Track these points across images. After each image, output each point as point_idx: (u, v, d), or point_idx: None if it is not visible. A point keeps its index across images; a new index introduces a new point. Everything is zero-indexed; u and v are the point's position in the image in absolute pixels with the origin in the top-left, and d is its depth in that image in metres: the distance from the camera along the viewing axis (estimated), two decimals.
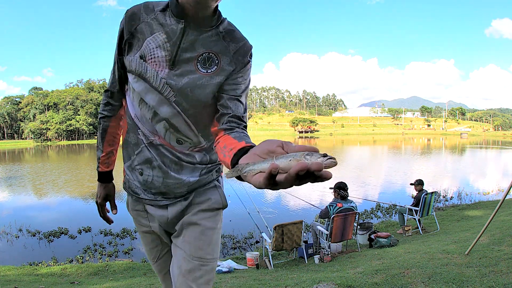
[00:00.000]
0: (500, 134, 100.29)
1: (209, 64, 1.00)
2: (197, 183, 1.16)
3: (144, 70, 1.00)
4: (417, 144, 54.73)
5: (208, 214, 1.17)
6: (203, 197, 1.18)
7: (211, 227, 1.17)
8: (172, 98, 1.01)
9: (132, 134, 1.13)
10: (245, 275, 4.24)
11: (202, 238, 1.14)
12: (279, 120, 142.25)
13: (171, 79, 0.99)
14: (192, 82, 0.99)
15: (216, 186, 1.22)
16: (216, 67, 1.00)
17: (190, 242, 1.14)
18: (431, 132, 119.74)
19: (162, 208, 1.18)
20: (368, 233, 5.91)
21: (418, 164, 22.53)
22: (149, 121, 1.07)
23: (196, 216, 1.16)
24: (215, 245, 1.18)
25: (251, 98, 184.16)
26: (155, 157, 1.10)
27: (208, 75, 1.00)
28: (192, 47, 0.98)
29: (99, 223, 8.50)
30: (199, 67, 0.99)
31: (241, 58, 1.03)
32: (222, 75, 1.01)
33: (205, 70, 1.00)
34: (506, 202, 7.95)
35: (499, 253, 3.45)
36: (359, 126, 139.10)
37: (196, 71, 0.99)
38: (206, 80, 1.00)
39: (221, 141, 0.97)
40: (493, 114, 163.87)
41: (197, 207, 1.17)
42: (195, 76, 0.99)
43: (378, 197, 11.06)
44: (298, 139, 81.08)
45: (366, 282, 3.09)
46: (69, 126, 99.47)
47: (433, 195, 6.61)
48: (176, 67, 0.99)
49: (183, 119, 1.05)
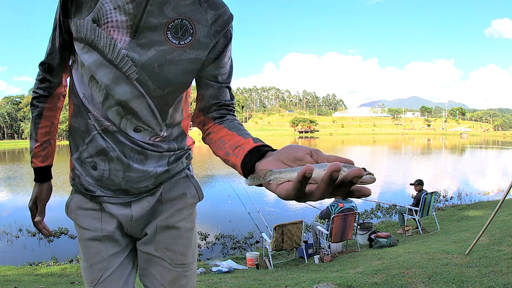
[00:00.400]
0: (500, 134, 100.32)
1: (182, 34, 0.79)
2: (166, 174, 0.97)
3: (98, 38, 0.78)
4: (417, 144, 54.75)
5: (186, 213, 1.02)
6: (175, 191, 1.01)
7: (190, 228, 1.04)
8: (134, 75, 0.80)
9: (80, 118, 0.89)
10: (245, 275, 4.24)
11: (182, 242, 1.01)
12: (279, 120, 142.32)
13: (133, 50, 0.78)
14: (160, 55, 0.79)
15: (187, 176, 1.05)
16: (191, 38, 0.80)
17: (170, 249, 0.99)
18: (431, 132, 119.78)
19: (125, 206, 0.95)
20: (368, 233, 5.91)
21: (418, 164, 22.54)
22: (100, 104, 0.85)
23: (173, 218, 1.00)
24: (194, 246, 1.06)
25: (251, 98, 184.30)
26: (112, 147, 0.88)
27: (181, 48, 0.80)
28: (160, 10, 0.77)
29: None
30: (169, 37, 0.79)
31: (221, 30, 0.84)
32: (199, 50, 0.82)
33: (177, 41, 0.79)
34: (506, 202, 7.95)
35: (499, 253, 3.45)
36: (359, 126, 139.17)
37: (165, 42, 0.79)
38: (178, 54, 0.80)
39: (214, 132, 0.87)
40: (493, 114, 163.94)
41: (171, 206, 1.01)
42: (165, 48, 0.79)
43: (378, 197, 11.06)
44: (298, 139, 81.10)
45: (366, 282, 3.09)
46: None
47: (433, 195, 6.61)
48: (140, 36, 0.78)
49: (146, 102, 0.84)
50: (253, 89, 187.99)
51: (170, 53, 0.79)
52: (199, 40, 0.81)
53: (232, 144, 0.77)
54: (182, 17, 0.79)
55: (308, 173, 0.44)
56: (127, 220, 0.97)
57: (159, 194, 0.99)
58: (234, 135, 0.80)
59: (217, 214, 9.30)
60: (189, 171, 1.06)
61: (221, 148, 0.81)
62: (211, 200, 11.24)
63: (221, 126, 0.87)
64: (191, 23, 0.80)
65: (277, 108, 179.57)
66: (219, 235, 7.55)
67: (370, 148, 47.18)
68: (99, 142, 0.88)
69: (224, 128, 0.85)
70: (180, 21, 0.79)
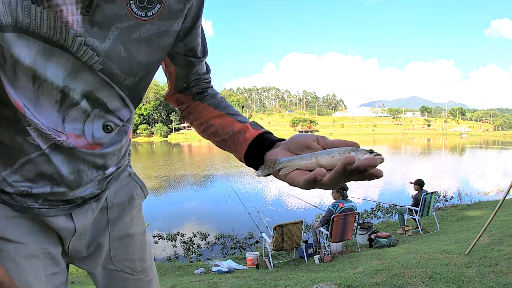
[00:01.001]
0: (500, 134, 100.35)
1: (148, 2, 0.61)
2: (115, 173, 0.80)
3: (37, 22, 0.55)
4: (417, 144, 54.74)
5: (136, 217, 0.91)
6: (122, 195, 0.86)
7: (143, 231, 0.94)
8: (97, 66, 0.60)
9: (11, 134, 0.64)
10: (245, 275, 4.24)
11: (138, 248, 0.91)
12: (279, 120, 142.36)
13: (90, 34, 0.57)
14: (125, 35, 0.60)
15: (130, 174, 0.90)
16: (160, 6, 0.62)
17: (128, 259, 0.89)
18: (431, 132, 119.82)
19: (66, 218, 0.74)
20: (368, 233, 5.92)
21: (418, 164, 22.55)
22: (54, 110, 0.62)
23: (125, 226, 0.87)
24: (149, 247, 0.97)
25: (251, 98, 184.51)
26: (63, 169, 0.67)
27: (149, 21, 0.62)
28: None
29: None
30: (134, 9, 0.60)
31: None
32: (171, 20, 0.64)
33: (143, 13, 0.61)
34: (506, 202, 7.95)
35: (499, 253, 3.45)
36: (359, 126, 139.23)
37: (129, 16, 0.59)
38: (146, 29, 0.62)
39: (198, 112, 0.79)
40: (493, 114, 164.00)
41: (119, 212, 0.86)
42: (129, 24, 0.60)
43: (378, 197, 11.06)
44: None
45: (366, 282, 3.09)
46: None
47: (433, 195, 6.62)
48: (96, 12, 0.57)
49: (116, 93, 0.65)
50: (253, 89, 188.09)
51: (137, 30, 0.61)
52: (170, 7, 0.63)
53: (226, 129, 0.73)
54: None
55: (319, 177, 0.46)
56: (69, 235, 0.76)
57: (104, 199, 0.82)
58: (225, 116, 0.75)
59: (217, 214, 9.31)
60: (131, 168, 0.92)
61: (213, 133, 0.76)
62: (211, 200, 11.26)
63: (204, 104, 0.79)
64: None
65: (277, 108, 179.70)
66: (219, 235, 7.55)
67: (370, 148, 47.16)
68: (41, 166, 0.66)
69: (209, 106, 0.78)
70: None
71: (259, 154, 0.66)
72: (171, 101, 0.86)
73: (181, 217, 9.47)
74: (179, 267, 5.66)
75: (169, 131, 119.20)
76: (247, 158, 0.68)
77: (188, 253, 6.86)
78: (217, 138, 0.76)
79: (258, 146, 0.67)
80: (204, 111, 0.78)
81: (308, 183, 0.49)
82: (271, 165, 0.56)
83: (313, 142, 0.57)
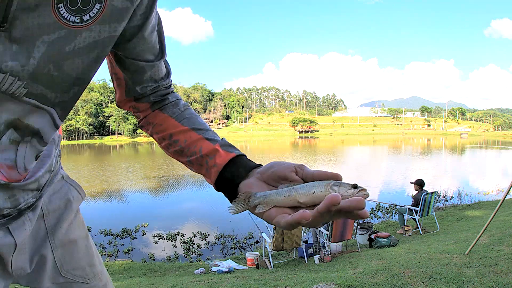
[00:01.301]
0: (500, 134, 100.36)
1: (84, 3, 0.47)
2: (48, 180, 0.71)
3: None
4: (417, 144, 54.75)
5: (76, 221, 0.83)
6: (57, 200, 0.78)
7: (86, 234, 0.86)
8: (21, 91, 0.49)
9: None
10: (245, 275, 4.24)
11: (84, 254, 0.84)
12: (279, 120, 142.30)
13: (8, 55, 0.45)
14: (56, 50, 0.47)
15: (64, 177, 0.83)
16: (100, 6, 0.48)
17: (76, 267, 0.81)
18: (431, 132, 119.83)
19: (4, 233, 0.64)
20: (368, 233, 5.92)
21: (418, 164, 22.54)
22: None
23: (67, 232, 0.80)
24: (95, 250, 0.90)
25: (251, 98, 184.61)
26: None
27: (86, 27, 0.48)
28: None
29: (99, 223, 8.51)
30: (64, 14, 0.46)
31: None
32: (114, 23, 0.51)
33: (77, 18, 0.47)
34: (506, 202, 7.96)
35: (499, 253, 3.45)
36: (359, 126, 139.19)
37: (58, 23, 0.46)
38: (83, 38, 0.49)
39: (158, 124, 0.69)
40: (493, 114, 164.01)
41: (57, 219, 0.78)
42: (60, 34, 0.47)
43: (378, 197, 11.06)
44: (298, 139, 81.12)
45: (366, 282, 3.09)
46: (69, 126, 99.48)
47: (433, 195, 6.62)
48: (14, 24, 0.44)
49: (48, 113, 0.54)
50: (253, 89, 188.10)
51: (70, 41, 0.48)
52: (114, 5, 0.50)
53: (193, 148, 0.64)
54: None
55: (304, 221, 0.42)
56: (10, 252, 0.66)
57: (40, 207, 0.73)
58: (190, 132, 0.66)
59: (217, 214, 9.31)
60: (63, 171, 0.83)
61: (177, 151, 0.67)
62: (211, 200, 11.25)
63: (165, 114, 0.69)
64: None
65: (277, 108, 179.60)
66: (219, 235, 7.55)
67: (370, 148, 47.16)
68: None
69: (171, 118, 0.68)
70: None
71: (232, 183, 0.59)
72: (125, 108, 0.74)
73: (181, 217, 9.47)
74: (179, 267, 5.66)
75: None
76: (219, 185, 0.61)
77: (188, 253, 6.86)
78: (182, 158, 0.67)
79: (230, 173, 0.60)
80: (166, 124, 0.68)
81: (291, 226, 0.44)
82: (245, 200, 0.51)
83: (291, 173, 0.52)
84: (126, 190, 14.31)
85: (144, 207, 11.29)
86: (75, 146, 76.38)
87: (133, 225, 8.34)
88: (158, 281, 4.32)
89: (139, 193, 13.93)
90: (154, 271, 5.34)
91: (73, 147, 71.74)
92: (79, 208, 0.86)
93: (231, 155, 0.61)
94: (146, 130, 0.73)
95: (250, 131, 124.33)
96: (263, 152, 37.81)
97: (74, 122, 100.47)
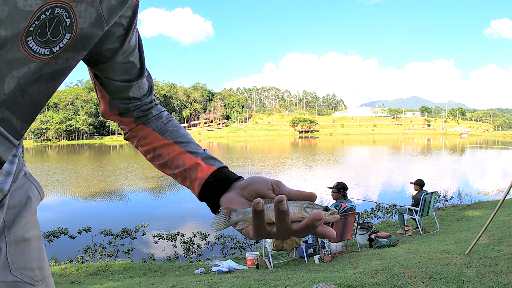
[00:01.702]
0: (500, 134, 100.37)
1: (53, 34, 0.47)
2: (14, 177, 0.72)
3: None
4: (417, 144, 54.75)
5: (32, 220, 0.83)
6: (17, 196, 0.79)
7: (39, 235, 0.85)
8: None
9: None
10: (245, 275, 4.24)
11: (36, 255, 0.82)
12: (279, 120, 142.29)
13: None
14: (24, 81, 0.49)
15: (26, 174, 0.82)
16: (70, 36, 0.48)
17: (27, 267, 0.80)
18: (431, 132, 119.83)
19: None
20: (368, 233, 5.92)
21: (418, 164, 22.54)
22: None
23: (22, 229, 0.79)
24: (45, 255, 0.87)
25: (251, 98, 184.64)
26: None
27: (53, 58, 0.49)
28: (13, 3, 0.42)
29: (99, 223, 8.51)
30: (33, 47, 0.46)
31: (117, 2, 0.53)
32: (83, 51, 0.53)
33: (47, 50, 0.47)
34: (506, 202, 7.96)
35: (499, 253, 3.45)
36: (359, 126, 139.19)
37: (28, 56, 0.46)
38: (50, 65, 0.50)
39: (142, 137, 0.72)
40: (493, 114, 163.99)
41: (15, 215, 0.78)
42: (29, 68, 0.48)
43: (378, 197, 11.07)
44: (298, 139, 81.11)
45: (366, 282, 3.09)
46: (69, 126, 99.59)
47: (433, 195, 6.62)
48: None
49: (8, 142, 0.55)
50: (253, 89, 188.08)
51: (38, 71, 0.49)
52: (83, 33, 0.50)
53: (176, 161, 0.67)
54: (53, 4, 0.45)
55: (257, 205, 0.44)
56: None
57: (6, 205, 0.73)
58: (173, 146, 0.69)
59: None
60: (26, 168, 0.83)
61: (161, 164, 0.69)
62: None
63: (149, 128, 0.72)
64: (69, 8, 0.47)
65: (277, 108, 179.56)
66: (219, 235, 7.55)
67: (370, 148, 47.16)
68: None
69: (154, 132, 0.71)
70: (48, 13, 0.45)
71: (215, 196, 0.63)
72: (110, 119, 0.76)
73: (181, 217, 9.47)
74: (179, 267, 5.66)
75: None
76: (202, 197, 0.65)
77: (188, 253, 6.86)
78: (167, 171, 0.70)
79: (212, 187, 0.63)
80: (150, 137, 0.71)
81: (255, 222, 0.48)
82: (226, 216, 0.54)
83: (268, 190, 0.55)
84: (126, 190, 14.31)
85: (144, 207, 11.29)
86: (75, 146, 76.38)
87: (133, 225, 8.34)
88: (158, 281, 4.32)
89: (139, 193, 13.93)
90: (154, 271, 5.34)
91: (73, 147, 71.75)
92: (36, 208, 0.85)
93: (213, 168, 0.64)
94: (132, 142, 0.76)
95: (250, 131, 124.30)
96: (263, 152, 37.79)
97: (74, 122, 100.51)
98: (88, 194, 13.37)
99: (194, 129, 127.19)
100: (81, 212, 10.52)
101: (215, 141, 77.62)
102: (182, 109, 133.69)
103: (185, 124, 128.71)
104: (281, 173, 18.48)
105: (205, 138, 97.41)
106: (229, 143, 70.28)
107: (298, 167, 21.69)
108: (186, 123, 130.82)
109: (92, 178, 18.42)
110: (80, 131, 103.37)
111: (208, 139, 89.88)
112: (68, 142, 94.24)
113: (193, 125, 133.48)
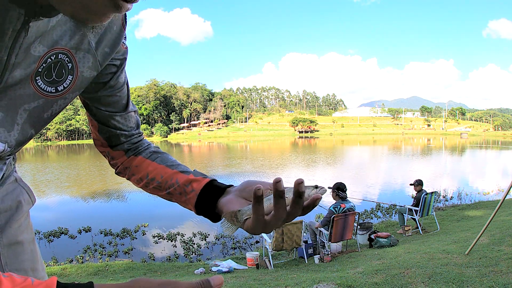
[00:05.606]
0: (500, 134, 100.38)
1: (58, 75, 0.57)
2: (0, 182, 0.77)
3: None
4: (417, 144, 54.76)
5: (25, 224, 0.85)
6: (8, 201, 0.81)
7: (32, 238, 0.87)
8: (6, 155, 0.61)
9: None
10: (245, 275, 4.24)
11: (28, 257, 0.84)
12: (279, 120, 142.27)
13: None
14: (34, 117, 0.58)
15: (17, 179, 0.85)
16: (72, 77, 0.59)
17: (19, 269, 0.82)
18: (431, 132, 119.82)
19: None
20: (368, 233, 5.92)
21: (418, 164, 22.55)
22: None
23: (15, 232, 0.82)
24: (40, 256, 0.90)
25: (251, 98, 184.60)
26: None
27: (61, 96, 0.59)
28: (27, 54, 0.51)
29: (99, 223, 8.51)
30: (41, 85, 0.55)
31: (112, 49, 0.63)
32: (81, 89, 0.63)
33: (53, 88, 0.57)
34: (506, 202, 7.96)
35: (499, 253, 3.45)
36: (359, 126, 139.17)
37: (37, 94, 0.56)
38: (58, 105, 0.60)
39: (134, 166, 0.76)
40: (493, 114, 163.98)
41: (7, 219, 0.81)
42: (38, 103, 0.57)
43: (378, 197, 11.06)
44: (298, 139, 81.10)
45: (366, 282, 3.09)
46: (69, 126, 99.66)
47: (433, 195, 6.62)
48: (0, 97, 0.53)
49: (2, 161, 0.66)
50: (253, 89, 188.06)
51: (47, 108, 0.59)
52: (83, 75, 0.60)
53: (170, 181, 0.71)
54: (57, 49, 0.55)
55: (257, 190, 0.46)
56: None
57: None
58: (165, 169, 0.73)
59: None
60: (16, 173, 0.86)
61: (155, 187, 0.73)
62: None
63: (139, 157, 0.77)
64: (70, 54, 0.57)
65: (277, 108, 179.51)
66: (219, 235, 7.55)
67: (370, 148, 47.16)
68: None
69: (146, 160, 0.76)
70: (54, 57, 0.55)
71: (211, 203, 0.65)
72: (100, 149, 0.81)
73: (181, 217, 9.47)
74: (179, 267, 5.66)
75: (169, 131, 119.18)
76: (198, 207, 0.67)
77: (188, 253, 6.86)
78: (161, 192, 0.73)
79: (209, 194, 0.65)
80: (142, 165, 0.76)
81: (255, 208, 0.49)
82: (233, 218, 0.54)
83: (267, 190, 0.57)
84: (126, 190, 14.30)
85: (144, 207, 11.29)
86: (75, 146, 76.39)
87: (133, 225, 8.34)
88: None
89: (139, 193, 13.91)
90: (154, 271, 5.34)
91: (73, 147, 71.75)
92: (29, 212, 0.88)
93: (206, 180, 0.68)
94: (123, 175, 0.80)
95: (250, 131, 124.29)
96: (263, 152, 37.80)
97: (74, 122, 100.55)
98: (88, 194, 13.38)
99: (194, 129, 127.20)
100: (81, 212, 10.52)
101: (215, 141, 77.61)
102: (182, 109, 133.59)
103: (185, 124, 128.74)
104: (281, 173, 18.48)
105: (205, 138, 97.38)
106: (229, 143, 70.27)
107: (298, 167, 21.70)
108: (186, 123, 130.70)
109: (92, 178, 18.43)
110: (80, 131, 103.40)
111: (208, 139, 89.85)
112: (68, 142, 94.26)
113: (193, 125, 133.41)
